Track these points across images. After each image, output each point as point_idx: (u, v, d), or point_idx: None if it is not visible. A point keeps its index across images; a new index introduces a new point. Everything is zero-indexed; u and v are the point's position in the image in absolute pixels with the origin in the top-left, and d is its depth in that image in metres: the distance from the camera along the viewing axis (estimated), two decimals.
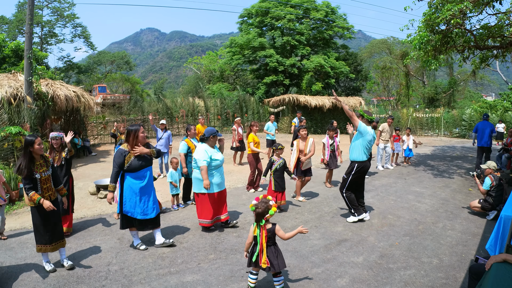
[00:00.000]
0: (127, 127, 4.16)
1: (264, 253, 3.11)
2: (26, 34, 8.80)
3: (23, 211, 5.91)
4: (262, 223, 3.13)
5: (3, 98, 8.33)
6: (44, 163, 3.65)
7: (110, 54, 39.19)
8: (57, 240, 3.68)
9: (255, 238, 3.18)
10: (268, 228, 3.15)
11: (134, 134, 4.07)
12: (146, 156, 4.14)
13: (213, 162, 4.70)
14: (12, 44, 19.10)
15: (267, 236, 3.13)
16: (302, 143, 6.25)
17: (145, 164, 4.14)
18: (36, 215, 3.56)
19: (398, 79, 34.16)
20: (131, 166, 4.03)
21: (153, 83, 71.80)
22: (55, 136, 4.59)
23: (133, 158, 4.04)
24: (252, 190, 7.06)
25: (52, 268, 3.68)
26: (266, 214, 3.11)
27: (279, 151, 5.68)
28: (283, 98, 19.93)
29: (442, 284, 3.42)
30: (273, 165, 5.65)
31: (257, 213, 3.13)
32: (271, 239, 3.17)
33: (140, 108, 17.77)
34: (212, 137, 4.74)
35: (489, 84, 37.90)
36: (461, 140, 18.51)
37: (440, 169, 9.56)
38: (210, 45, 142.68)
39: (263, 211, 3.11)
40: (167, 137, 8.19)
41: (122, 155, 4.01)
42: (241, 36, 24.92)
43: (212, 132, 4.75)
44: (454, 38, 8.79)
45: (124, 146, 4.08)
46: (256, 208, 3.14)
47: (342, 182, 5.27)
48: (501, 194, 5.41)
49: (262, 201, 3.17)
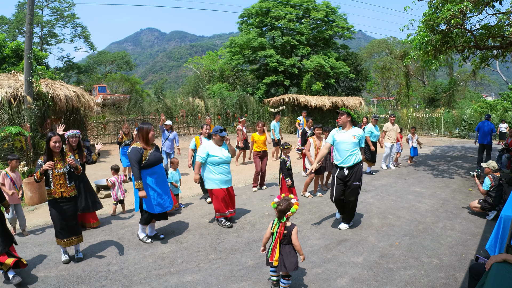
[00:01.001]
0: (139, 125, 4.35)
1: (277, 251, 3.14)
2: (26, 34, 8.78)
3: (24, 210, 5.90)
4: (283, 220, 3.18)
5: (3, 98, 8.33)
6: (61, 160, 3.79)
7: (110, 54, 39.15)
8: (70, 236, 3.83)
9: (273, 235, 3.24)
10: (286, 226, 3.19)
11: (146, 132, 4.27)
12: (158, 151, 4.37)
13: (210, 159, 4.81)
14: (12, 44, 19.08)
15: (283, 233, 3.17)
16: (318, 141, 6.39)
17: (159, 157, 4.35)
18: (51, 209, 3.79)
19: (398, 79, 34.17)
20: (148, 161, 4.19)
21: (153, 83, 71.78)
22: (74, 134, 4.67)
23: (149, 154, 4.22)
24: (255, 188, 7.08)
25: (66, 259, 3.86)
26: (288, 211, 3.17)
27: (286, 150, 5.86)
28: (283, 98, 19.94)
29: (442, 284, 3.42)
30: (286, 164, 5.86)
31: (279, 210, 3.19)
32: (287, 237, 3.18)
33: (140, 108, 17.77)
34: (214, 135, 4.87)
35: (489, 84, 37.90)
36: (461, 140, 18.51)
37: (440, 169, 9.57)
38: (210, 45, 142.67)
39: (284, 208, 3.17)
40: (172, 138, 8.18)
41: (138, 152, 4.16)
42: (241, 36, 24.91)
43: (215, 130, 4.90)
44: (454, 38, 8.78)
45: (137, 144, 4.22)
46: (278, 205, 3.20)
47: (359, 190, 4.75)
48: (501, 194, 5.40)
49: (284, 199, 3.25)
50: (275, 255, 3.13)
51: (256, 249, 4.19)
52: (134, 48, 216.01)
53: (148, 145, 4.28)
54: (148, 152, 4.22)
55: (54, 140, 3.69)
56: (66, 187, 3.77)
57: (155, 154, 4.30)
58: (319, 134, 6.41)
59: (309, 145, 6.40)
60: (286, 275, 3.21)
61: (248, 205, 6.11)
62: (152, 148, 4.31)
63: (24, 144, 7.71)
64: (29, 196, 6.20)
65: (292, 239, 3.16)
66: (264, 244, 3.34)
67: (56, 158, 3.76)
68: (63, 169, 3.76)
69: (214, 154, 4.82)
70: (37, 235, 4.75)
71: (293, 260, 3.13)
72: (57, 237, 3.84)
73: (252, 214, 5.58)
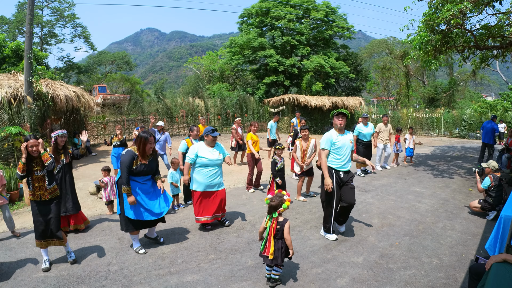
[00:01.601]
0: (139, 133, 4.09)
1: (272, 244, 3.28)
2: (26, 34, 8.79)
3: (23, 211, 5.92)
4: (274, 216, 3.31)
5: (3, 98, 8.33)
6: (40, 162, 3.72)
7: (110, 54, 39.17)
8: (49, 238, 3.76)
9: (266, 230, 3.37)
10: (279, 221, 3.33)
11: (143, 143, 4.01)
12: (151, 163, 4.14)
13: (199, 160, 4.70)
14: (12, 44, 19.08)
15: (275, 228, 3.30)
16: (304, 143, 6.32)
17: (150, 171, 4.14)
18: (32, 210, 3.75)
19: (398, 79, 34.18)
20: (136, 170, 4.01)
21: (153, 83, 71.82)
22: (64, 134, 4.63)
23: (140, 164, 4.02)
24: (251, 189, 7.06)
25: (45, 267, 3.72)
26: (279, 207, 3.30)
27: (279, 151, 5.83)
28: (283, 98, 19.95)
29: (442, 284, 3.42)
30: (276, 165, 5.85)
31: (270, 205, 3.32)
32: (280, 232, 3.31)
33: (140, 108, 17.76)
34: (206, 136, 4.79)
35: (489, 84, 37.89)
36: (461, 140, 18.50)
37: (440, 169, 9.56)
38: (210, 45, 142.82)
39: (276, 204, 3.30)
40: (164, 139, 8.15)
41: (132, 157, 3.97)
42: (241, 36, 24.92)
43: (207, 131, 4.81)
44: (454, 38, 8.79)
45: (134, 149, 4.03)
46: (270, 201, 3.33)
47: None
48: (501, 194, 5.40)
49: (276, 195, 3.37)
50: (270, 249, 3.28)
51: (256, 249, 4.19)
52: (134, 48, 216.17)
53: (143, 157, 4.05)
54: (139, 161, 4.02)
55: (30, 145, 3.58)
56: (45, 190, 3.70)
57: (147, 166, 4.07)
58: (306, 136, 6.31)
59: (295, 147, 6.34)
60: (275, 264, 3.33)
61: (248, 205, 6.10)
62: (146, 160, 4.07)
63: None
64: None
65: (284, 233, 3.30)
66: (260, 235, 3.48)
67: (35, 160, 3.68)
68: (41, 171, 3.69)
69: (203, 156, 4.69)
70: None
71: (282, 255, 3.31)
72: (36, 239, 3.74)
73: (252, 214, 5.58)
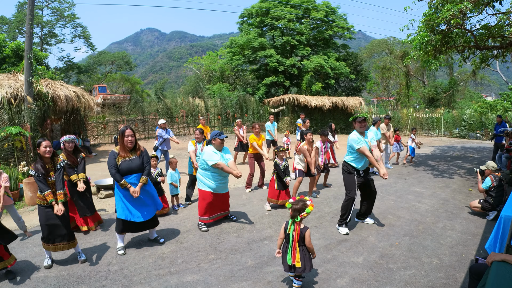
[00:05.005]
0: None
1: (297, 252, 3.13)
2: (26, 34, 8.78)
3: (23, 211, 5.92)
4: (297, 220, 3.16)
5: (3, 98, 8.32)
6: (52, 168, 3.69)
7: (110, 54, 39.16)
8: (59, 241, 3.73)
9: (288, 236, 3.21)
10: (300, 228, 3.19)
11: (121, 135, 4.03)
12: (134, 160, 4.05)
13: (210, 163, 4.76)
14: (12, 44, 19.10)
15: (299, 234, 3.16)
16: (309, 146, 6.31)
17: (134, 167, 4.04)
18: (41, 214, 3.67)
19: (398, 79, 34.18)
20: (121, 167, 3.99)
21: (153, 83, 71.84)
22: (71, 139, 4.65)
23: (121, 162, 4.00)
24: (248, 189, 7.09)
25: (47, 264, 3.75)
26: (303, 211, 3.16)
27: (281, 154, 5.86)
28: (283, 98, 19.94)
29: (442, 284, 3.42)
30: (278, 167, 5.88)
31: (293, 209, 3.18)
32: (301, 239, 3.18)
33: (140, 108, 17.77)
34: (213, 140, 4.81)
35: (489, 84, 37.90)
36: (461, 140, 18.49)
37: (440, 169, 9.56)
38: (210, 45, 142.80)
39: (300, 208, 3.17)
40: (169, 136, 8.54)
41: (113, 155, 4.00)
42: (241, 36, 24.92)
43: (214, 135, 4.83)
44: (454, 38, 8.79)
45: (116, 149, 4.06)
46: (293, 205, 3.20)
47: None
48: (502, 194, 5.40)
49: (299, 200, 3.25)
50: (296, 257, 3.12)
51: (256, 249, 4.19)
52: (134, 48, 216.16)
53: (125, 151, 3.99)
54: (120, 159, 3.97)
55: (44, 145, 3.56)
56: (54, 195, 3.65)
57: (130, 163, 3.99)
58: (311, 140, 6.30)
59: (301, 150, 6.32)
60: (299, 275, 3.23)
61: (248, 205, 6.10)
62: (130, 156, 4.01)
63: (24, 144, 7.71)
64: (29, 196, 6.20)
65: (306, 242, 3.17)
66: (279, 246, 3.31)
67: (48, 166, 3.64)
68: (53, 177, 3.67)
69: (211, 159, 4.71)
70: (37, 235, 4.74)
71: (309, 262, 3.19)
72: (44, 242, 3.72)
73: (252, 214, 5.58)
